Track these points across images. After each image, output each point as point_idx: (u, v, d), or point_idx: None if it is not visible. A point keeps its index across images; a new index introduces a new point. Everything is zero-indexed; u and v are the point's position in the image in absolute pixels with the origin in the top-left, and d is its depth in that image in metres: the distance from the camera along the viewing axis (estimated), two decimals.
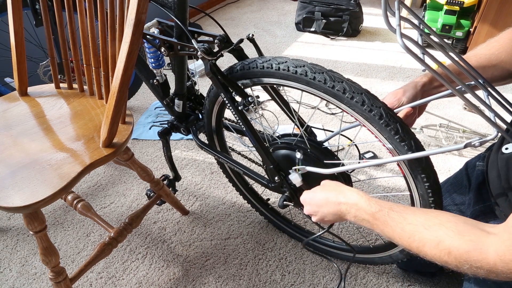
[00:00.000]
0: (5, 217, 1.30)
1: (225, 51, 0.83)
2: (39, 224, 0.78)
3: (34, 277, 1.11)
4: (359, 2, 2.48)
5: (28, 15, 1.33)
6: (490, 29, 2.08)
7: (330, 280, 1.09)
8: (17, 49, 0.93)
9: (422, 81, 0.76)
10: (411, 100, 0.74)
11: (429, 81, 0.76)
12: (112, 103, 0.74)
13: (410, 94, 0.75)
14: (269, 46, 2.48)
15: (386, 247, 0.95)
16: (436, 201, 0.74)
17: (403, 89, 0.76)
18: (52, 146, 0.83)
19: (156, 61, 1.00)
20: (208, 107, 0.96)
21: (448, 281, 1.07)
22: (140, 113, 1.84)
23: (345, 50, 2.42)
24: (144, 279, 1.10)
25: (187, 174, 1.47)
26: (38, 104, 0.97)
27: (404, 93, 0.75)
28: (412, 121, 0.78)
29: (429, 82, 0.76)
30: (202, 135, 1.10)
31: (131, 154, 0.96)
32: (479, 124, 1.72)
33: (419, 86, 0.75)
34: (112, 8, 0.79)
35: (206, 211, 1.31)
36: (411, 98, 0.74)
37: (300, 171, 0.84)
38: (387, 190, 1.39)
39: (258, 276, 1.11)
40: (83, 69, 0.98)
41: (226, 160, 1.02)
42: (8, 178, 0.74)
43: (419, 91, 0.75)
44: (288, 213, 1.27)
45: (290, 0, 3.22)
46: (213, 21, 0.99)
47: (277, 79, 0.77)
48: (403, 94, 0.75)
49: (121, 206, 1.33)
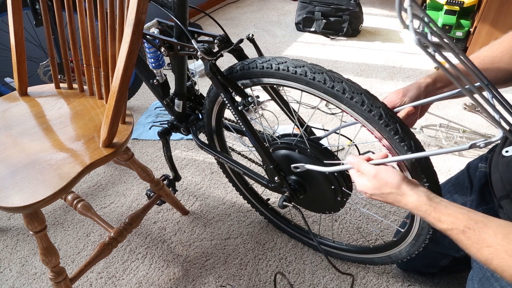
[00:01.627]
0: (5, 217, 1.30)
1: (225, 51, 0.83)
2: (39, 224, 0.78)
3: (34, 277, 1.11)
4: (359, 2, 2.48)
5: (28, 15, 1.33)
6: (490, 29, 2.08)
7: (330, 280, 1.09)
8: (17, 49, 0.93)
9: (425, 82, 0.76)
10: (414, 100, 0.74)
11: (432, 82, 0.76)
12: (112, 103, 0.74)
13: (412, 94, 0.74)
14: (269, 46, 2.48)
15: (386, 247, 0.95)
16: None
17: (406, 89, 0.75)
18: (52, 146, 0.83)
19: (156, 61, 1.00)
20: (208, 107, 0.96)
21: (448, 281, 1.07)
22: (140, 113, 1.84)
23: (345, 50, 2.42)
24: (144, 279, 1.10)
25: (187, 174, 1.47)
26: (38, 104, 0.97)
27: (407, 93, 0.74)
28: (413, 121, 0.77)
29: (433, 83, 0.76)
30: (202, 135, 1.10)
31: (131, 154, 0.96)
32: (479, 124, 1.72)
33: (422, 86, 0.75)
34: (112, 8, 0.79)
35: (206, 211, 1.31)
36: (414, 98, 0.74)
37: (300, 169, 0.84)
38: None
39: (258, 276, 1.11)
40: (83, 69, 0.98)
41: (226, 160, 1.02)
42: (8, 178, 0.74)
43: (422, 92, 0.74)
44: (288, 213, 1.27)
45: (290, 0, 3.22)
46: (213, 21, 0.99)
47: (277, 79, 0.77)
48: (405, 93, 0.74)
49: (121, 206, 1.33)
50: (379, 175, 0.64)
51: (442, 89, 0.76)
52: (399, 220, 1.26)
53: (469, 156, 1.52)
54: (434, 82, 0.76)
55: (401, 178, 0.63)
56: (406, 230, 0.87)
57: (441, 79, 0.75)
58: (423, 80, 0.76)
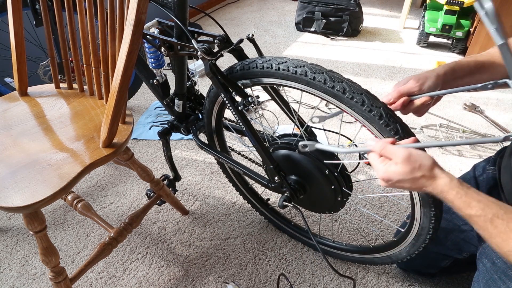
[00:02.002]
0: (5, 217, 1.30)
1: (225, 51, 0.83)
2: (39, 224, 0.78)
3: (34, 277, 1.11)
4: (359, 2, 2.48)
5: (28, 15, 1.33)
6: None
7: (330, 280, 1.09)
8: (17, 49, 0.93)
9: (444, 70, 0.73)
10: (432, 89, 0.71)
11: (451, 72, 0.73)
12: (112, 103, 0.74)
13: (431, 83, 0.71)
14: (269, 46, 2.48)
15: (386, 247, 0.95)
16: (435, 201, 0.74)
17: (425, 76, 0.72)
18: (52, 146, 0.83)
19: (156, 61, 1.00)
20: (208, 107, 0.96)
21: (448, 281, 1.07)
22: (140, 113, 1.84)
23: (345, 50, 2.42)
24: (144, 279, 1.10)
25: (187, 174, 1.47)
26: (38, 104, 0.97)
27: (426, 81, 0.71)
28: (426, 110, 0.75)
29: (452, 72, 0.73)
30: (202, 135, 1.10)
31: (131, 154, 0.96)
32: (479, 124, 1.72)
33: (441, 75, 0.72)
34: (112, 8, 0.79)
35: (206, 211, 1.31)
36: (432, 87, 0.71)
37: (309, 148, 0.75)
38: (387, 190, 1.39)
39: (258, 276, 1.11)
40: (83, 69, 0.98)
41: (226, 160, 1.02)
42: (8, 178, 0.74)
43: (440, 81, 0.72)
44: (288, 213, 1.27)
45: (290, 0, 3.22)
46: (213, 21, 0.99)
47: (277, 79, 0.77)
48: (424, 81, 0.71)
49: (121, 206, 1.33)
50: (413, 157, 0.60)
51: (460, 79, 0.74)
52: (399, 220, 1.26)
53: (469, 156, 1.52)
54: (453, 72, 0.73)
55: (433, 160, 0.60)
56: (406, 230, 0.87)
57: (460, 69, 0.73)
58: (441, 69, 0.73)
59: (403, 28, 2.70)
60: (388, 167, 0.61)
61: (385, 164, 0.62)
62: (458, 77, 0.74)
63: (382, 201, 1.34)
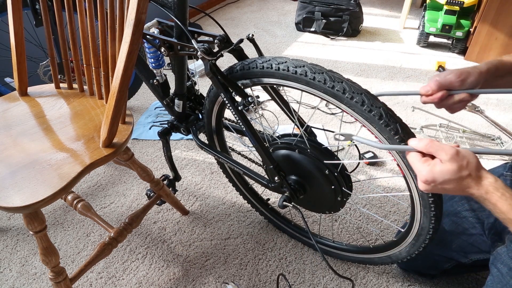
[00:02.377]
0: (5, 217, 1.30)
1: (225, 51, 0.83)
2: (39, 224, 0.78)
3: (34, 277, 1.11)
4: (359, 2, 2.48)
5: (28, 15, 1.33)
6: (490, 29, 2.08)
7: (330, 280, 1.09)
8: (17, 49, 0.93)
9: (487, 67, 0.70)
10: (473, 85, 0.68)
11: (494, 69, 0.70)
12: (112, 103, 0.74)
13: (474, 79, 0.68)
14: (269, 46, 2.48)
15: (386, 247, 0.95)
16: (435, 201, 0.74)
17: (468, 72, 0.69)
18: (52, 146, 0.83)
19: (156, 61, 1.00)
20: (208, 107, 0.96)
21: (448, 281, 1.07)
22: (140, 113, 1.84)
23: (345, 50, 2.42)
24: (144, 279, 1.10)
25: (187, 174, 1.47)
26: (38, 104, 0.97)
27: (468, 77, 0.68)
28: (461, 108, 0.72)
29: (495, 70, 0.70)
30: (202, 135, 1.10)
31: (131, 154, 0.96)
32: (479, 124, 1.72)
33: (483, 73, 0.69)
34: (112, 8, 0.79)
35: (206, 211, 1.31)
36: (474, 83, 0.68)
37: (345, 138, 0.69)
38: (387, 190, 1.39)
39: (258, 276, 1.11)
40: (83, 69, 0.98)
41: (226, 160, 1.02)
42: (8, 178, 0.74)
43: (482, 79, 0.69)
44: (288, 213, 1.27)
45: (290, 0, 3.22)
46: (213, 21, 0.99)
47: (277, 79, 0.77)
48: (466, 77, 0.68)
49: (121, 206, 1.33)
50: (461, 153, 0.56)
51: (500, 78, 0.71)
52: (399, 220, 1.26)
53: None
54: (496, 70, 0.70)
55: (478, 158, 0.57)
56: (406, 230, 0.87)
57: (503, 67, 0.71)
58: (484, 66, 0.70)
59: (403, 28, 2.70)
60: (433, 167, 0.57)
61: (429, 164, 0.58)
62: (499, 75, 0.71)
63: (382, 201, 1.34)
